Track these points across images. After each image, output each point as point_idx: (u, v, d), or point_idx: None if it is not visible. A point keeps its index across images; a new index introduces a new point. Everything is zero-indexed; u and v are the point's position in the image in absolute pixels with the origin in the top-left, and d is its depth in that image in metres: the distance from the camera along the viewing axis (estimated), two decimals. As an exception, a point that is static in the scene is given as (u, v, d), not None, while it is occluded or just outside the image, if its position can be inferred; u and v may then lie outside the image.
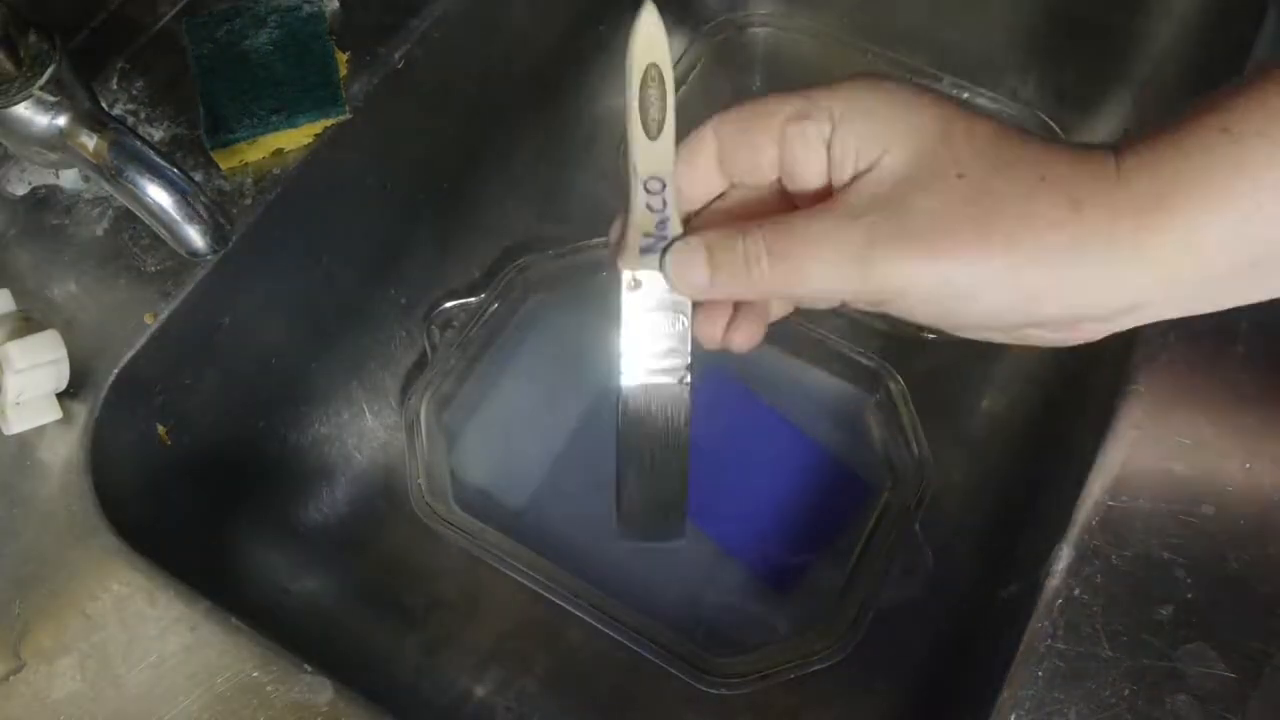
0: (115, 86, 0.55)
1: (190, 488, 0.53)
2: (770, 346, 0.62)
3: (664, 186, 0.32)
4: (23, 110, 0.43)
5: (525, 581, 0.52)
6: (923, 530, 0.53)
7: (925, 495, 0.54)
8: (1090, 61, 0.69)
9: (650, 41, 0.31)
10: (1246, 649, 0.39)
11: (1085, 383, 0.56)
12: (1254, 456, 0.43)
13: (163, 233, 0.43)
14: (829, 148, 0.30)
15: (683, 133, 0.33)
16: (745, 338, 0.33)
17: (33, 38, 0.43)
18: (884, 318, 0.59)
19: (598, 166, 0.71)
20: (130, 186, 0.42)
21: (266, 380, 0.57)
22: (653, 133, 0.31)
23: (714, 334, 0.33)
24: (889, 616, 0.53)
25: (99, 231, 0.51)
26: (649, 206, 0.32)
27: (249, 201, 0.52)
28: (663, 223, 0.33)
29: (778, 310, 0.35)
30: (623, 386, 0.34)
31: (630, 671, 0.54)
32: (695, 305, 0.33)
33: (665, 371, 0.34)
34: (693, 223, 0.33)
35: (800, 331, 0.60)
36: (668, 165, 0.32)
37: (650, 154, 0.32)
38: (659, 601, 0.54)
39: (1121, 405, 0.45)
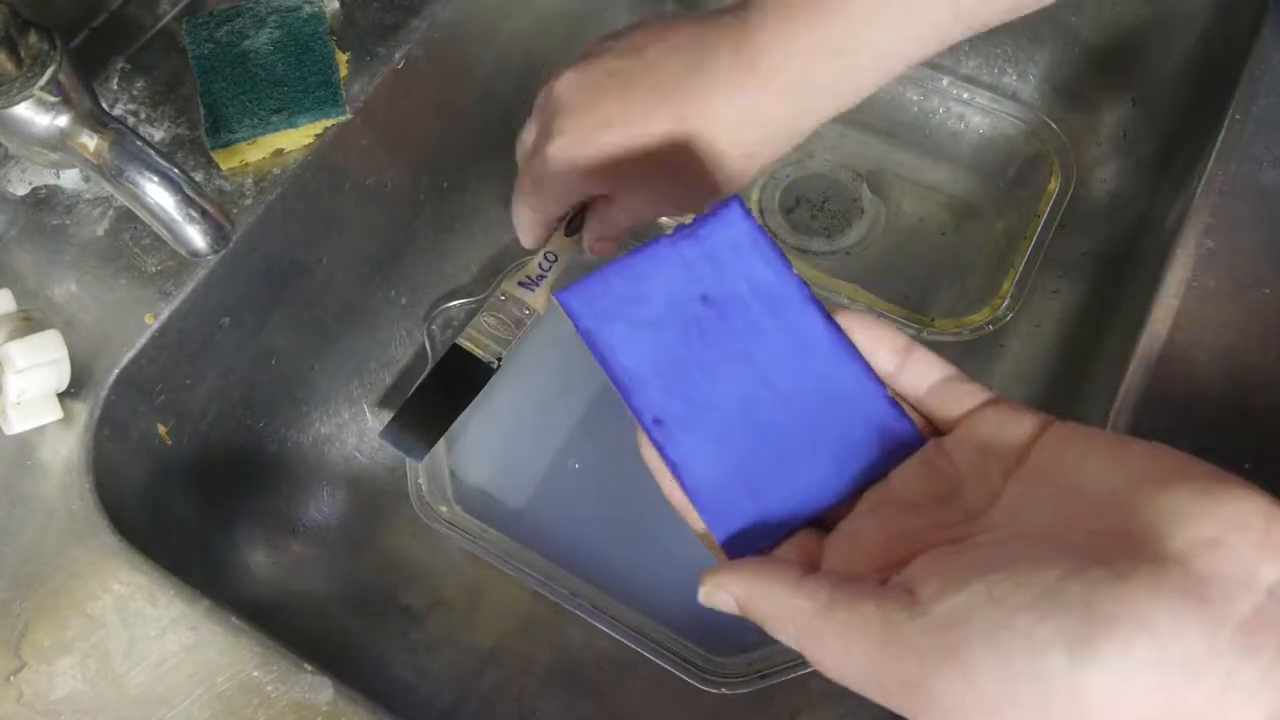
0: (116, 86, 0.55)
1: (190, 487, 0.53)
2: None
3: (556, 260, 0.51)
4: (23, 110, 0.43)
5: (525, 581, 0.52)
6: (923, 530, 0.52)
7: (925, 495, 0.54)
8: (1090, 61, 0.69)
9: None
10: (1246, 649, 0.39)
11: (1085, 383, 0.56)
12: (1255, 458, 0.43)
13: (163, 233, 0.43)
14: None
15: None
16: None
17: (33, 38, 0.43)
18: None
19: (598, 166, 0.71)
20: (131, 187, 0.42)
21: (266, 380, 0.57)
22: (569, 233, 0.50)
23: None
24: (889, 616, 0.53)
25: (99, 231, 0.51)
26: (539, 264, 0.51)
27: (249, 201, 0.52)
28: (541, 277, 0.51)
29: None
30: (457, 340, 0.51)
31: (630, 671, 0.54)
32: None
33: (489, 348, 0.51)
34: None
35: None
36: (568, 251, 0.51)
37: (561, 241, 0.51)
38: (659, 601, 0.54)
39: (1121, 406, 0.45)
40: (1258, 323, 0.46)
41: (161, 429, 0.51)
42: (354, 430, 0.62)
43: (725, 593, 0.29)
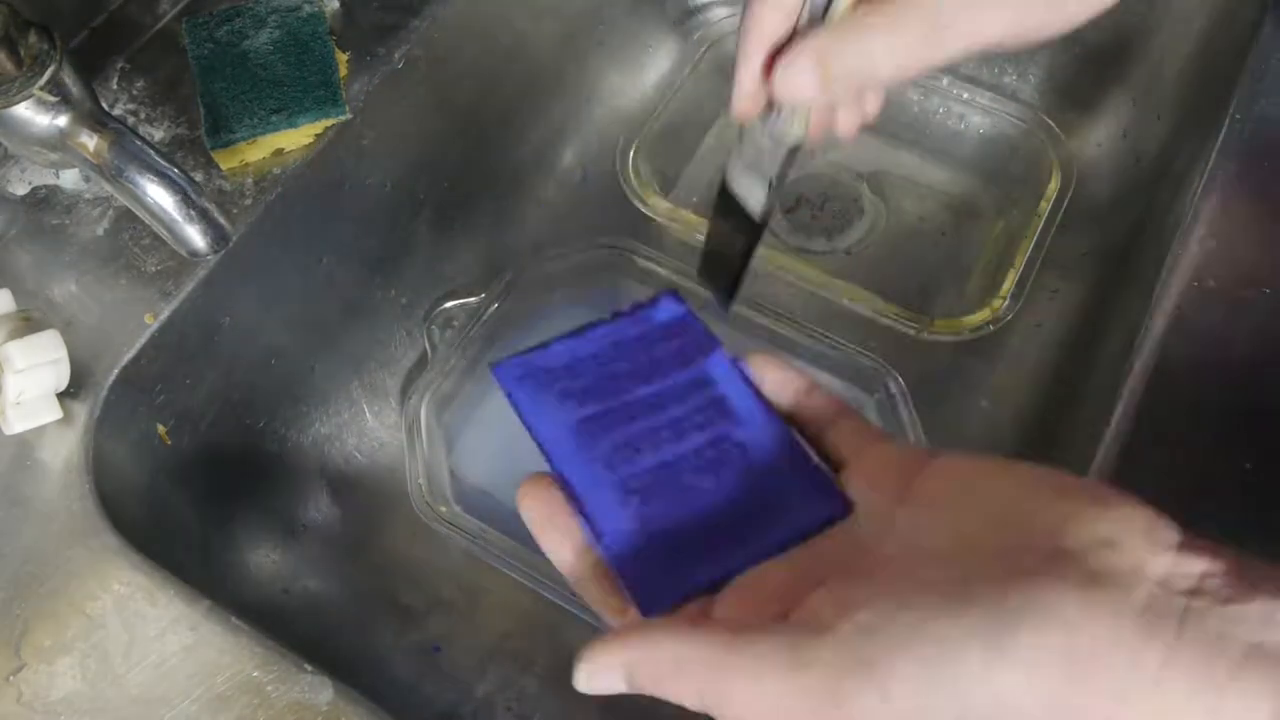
0: (115, 86, 0.55)
1: (190, 488, 0.53)
2: (770, 346, 0.62)
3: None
4: (23, 110, 0.43)
5: (525, 581, 0.52)
6: (923, 530, 0.52)
7: (925, 495, 0.54)
8: (1090, 61, 0.69)
9: None
10: (1246, 649, 0.39)
11: (1085, 383, 0.56)
12: (1255, 458, 0.43)
13: (163, 233, 0.43)
14: None
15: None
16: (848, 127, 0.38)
17: (33, 38, 0.43)
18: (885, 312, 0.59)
19: (597, 165, 0.71)
20: (130, 186, 0.42)
21: (266, 380, 0.57)
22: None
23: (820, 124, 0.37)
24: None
25: (99, 231, 0.51)
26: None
27: (249, 201, 0.52)
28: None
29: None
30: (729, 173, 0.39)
31: (630, 671, 0.54)
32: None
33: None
34: None
35: (800, 331, 0.60)
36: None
37: None
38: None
39: (1120, 408, 0.45)
40: (1257, 322, 0.46)
41: (161, 429, 0.51)
42: (354, 430, 0.62)
43: (610, 668, 0.27)
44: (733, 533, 0.30)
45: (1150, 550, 0.24)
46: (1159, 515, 0.25)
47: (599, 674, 0.27)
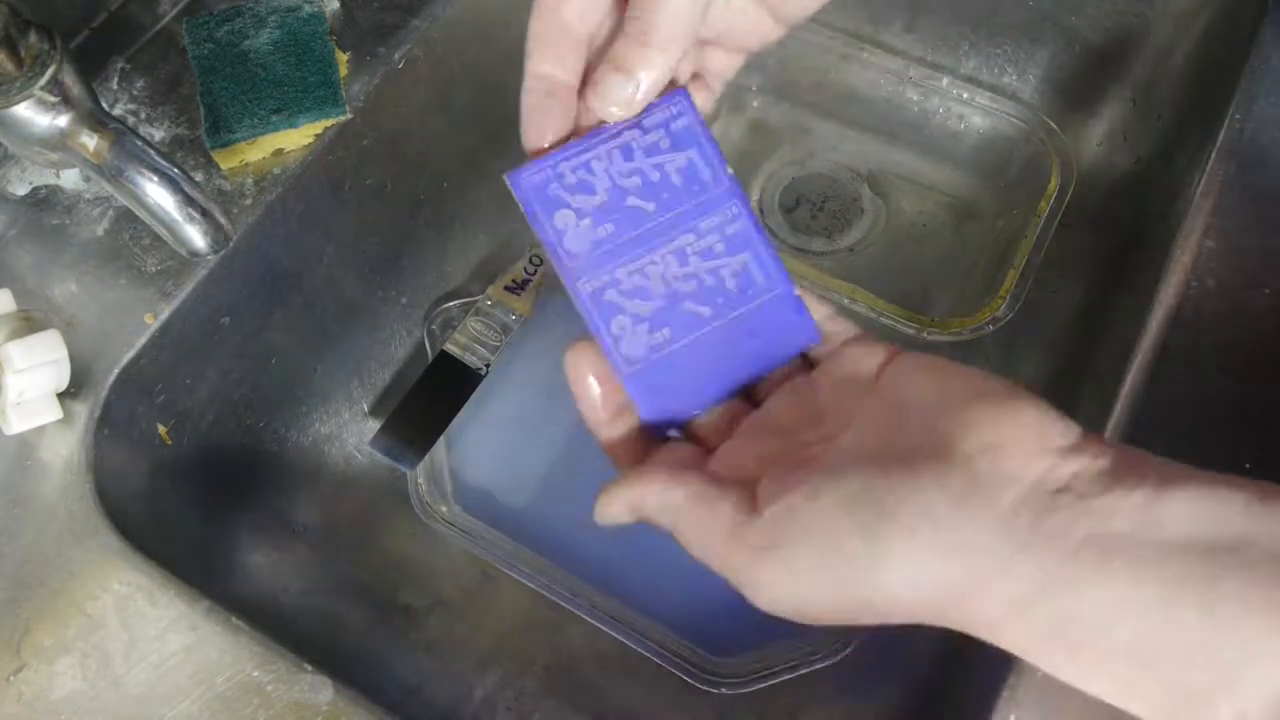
0: (116, 86, 0.55)
1: (190, 487, 0.53)
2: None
3: (542, 263, 0.53)
4: (23, 110, 0.43)
5: (525, 581, 0.52)
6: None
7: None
8: (1090, 61, 0.69)
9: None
10: (1246, 649, 0.39)
11: (1085, 383, 0.56)
12: (1255, 457, 0.43)
13: (163, 233, 0.43)
14: None
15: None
16: None
17: (33, 38, 0.43)
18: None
19: (598, 166, 0.71)
20: (131, 187, 0.42)
21: (266, 380, 0.57)
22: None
23: None
24: (889, 616, 0.53)
25: (99, 231, 0.51)
26: (525, 268, 0.54)
27: (249, 201, 0.52)
28: (526, 281, 0.54)
29: None
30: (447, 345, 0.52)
31: (630, 671, 0.54)
32: None
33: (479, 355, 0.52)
34: None
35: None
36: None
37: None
38: (659, 601, 0.54)
39: (1119, 409, 0.45)
40: (1257, 323, 0.46)
41: (161, 429, 0.51)
42: (354, 430, 0.62)
43: (619, 502, 0.33)
44: (722, 361, 0.34)
45: (1034, 455, 0.27)
46: (1052, 419, 0.29)
47: (609, 509, 0.34)
